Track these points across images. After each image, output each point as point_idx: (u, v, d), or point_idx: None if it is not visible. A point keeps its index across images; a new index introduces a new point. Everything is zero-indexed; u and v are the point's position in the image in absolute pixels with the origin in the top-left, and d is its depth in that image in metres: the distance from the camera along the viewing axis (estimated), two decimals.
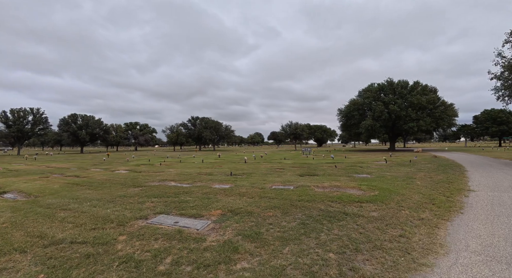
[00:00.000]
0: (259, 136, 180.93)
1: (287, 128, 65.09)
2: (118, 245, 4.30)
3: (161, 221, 5.56)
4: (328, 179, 11.52)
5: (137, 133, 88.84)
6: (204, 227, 5.11)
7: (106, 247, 4.24)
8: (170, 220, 5.63)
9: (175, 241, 4.37)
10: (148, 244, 4.28)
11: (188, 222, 5.50)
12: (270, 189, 9.20)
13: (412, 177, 11.23)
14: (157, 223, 5.45)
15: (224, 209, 6.41)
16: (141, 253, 3.96)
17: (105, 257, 3.89)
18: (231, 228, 5.01)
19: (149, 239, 4.52)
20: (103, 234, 4.81)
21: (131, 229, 5.05)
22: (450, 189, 8.52)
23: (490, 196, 7.63)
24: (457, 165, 16.92)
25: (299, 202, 7.19)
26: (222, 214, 6.04)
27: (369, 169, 14.99)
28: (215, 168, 18.43)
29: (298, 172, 14.63)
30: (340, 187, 9.47)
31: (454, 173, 12.53)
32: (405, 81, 43.19)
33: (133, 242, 4.42)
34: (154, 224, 5.42)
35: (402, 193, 7.95)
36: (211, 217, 5.83)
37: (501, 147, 56.64)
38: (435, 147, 65.53)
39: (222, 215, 5.92)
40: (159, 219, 5.73)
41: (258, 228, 4.94)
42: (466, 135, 74.31)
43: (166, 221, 5.56)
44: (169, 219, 5.78)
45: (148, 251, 4.00)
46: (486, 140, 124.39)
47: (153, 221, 5.58)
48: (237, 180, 11.82)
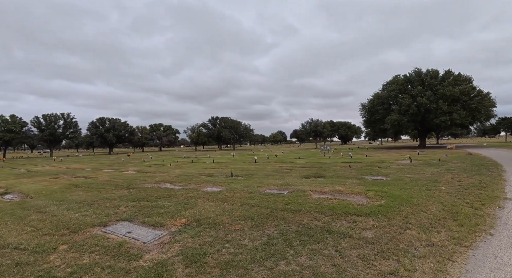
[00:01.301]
0: (282, 135, 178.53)
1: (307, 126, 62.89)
2: (52, 255, 4.18)
3: (116, 230, 5.31)
4: (333, 182, 10.12)
5: (161, 135, 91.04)
6: (153, 240, 4.71)
7: (40, 256, 4.17)
8: (125, 229, 5.35)
9: (108, 257, 4.05)
10: (80, 258, 4.06)
11: (141, 232, 5.14)
12: (260, 194, 8.33)
13: (436, 180, 9.44)
14: (110, 231, 5.24)
15: (191, 217, 5.92)
16: (63, 269, 3.75)
17: (30, 268, 3.80)
18: (181, 243, 4.46)
19: (85, 251, 4.31)
20: (48, 241, 4.76)
21: (79, 238, 4.93)
22: (481, 196, 6.77)
23: None
24: (495, 164, 14.50)
25: (281, 212, 6.13)
26: (186, 224, 5.53)
27: (387, 170, 13.22)
28: (221, 169, 17.76)
29: (304, 173, 13.33)
30: (343, 192, 8.08)
31: (490, 175, 10.46)
32: (435, 70, 39.26)
33: (68, 253, 4.25)
34: (107, 232, 5.21)
35: (416, 202, 6.40)
36: (172, 227, 5.35)
37: None
38: (471, 143, 59.87)
39: (184, 225, 5.40)
40: (116, 227, 5.50)
41: (211, 246, 4.28)
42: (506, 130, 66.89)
43: (121, 230, 5.28)
44: (126, 227, 5.49)
45: (71, 267, 3.77)
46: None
47: (108, 229, 5.37)
48: (233, 182, 11.14)
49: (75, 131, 72.57)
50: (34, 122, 67.01)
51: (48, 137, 66.82)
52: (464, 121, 35.47)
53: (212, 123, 78.90)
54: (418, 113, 36.87)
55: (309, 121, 64.09)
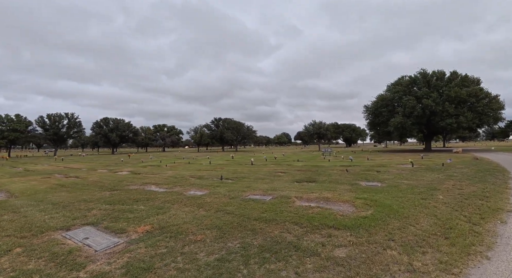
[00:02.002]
0: (286, 137, 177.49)
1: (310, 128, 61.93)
2: (3, 258, 4.10)
3: (75, 235, 5.12)
4: (324, 187, 9.48)
5: (164, 135, 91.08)
6: (106, 248, 4.43)
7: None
8: (84, 235, 5.12)
9: (52, 264, 3.85)
10: (27, 263, 3.93)
11: (99, 239, 4.88)
12: (240, 200, 7.81)
13: (435, 188, 8.68)
14: (69, 236, 5.06)
15: (157, 224, 5.58)
16: (8, 272, 3.64)
17: None
18: (132, 254, 4.14)
19: (35, 256, 4.15)
20: (5, 243, 4.70)
21: (37, 241, 4.80)
22: (482, 208, 6.00)
23: None
24: (501, 170, 13.58)
25: (254, 221, 5.61)
26: (148, 231, 5.18)
27: (385, 175, 12.45)
28: (214, 171, 17.35)
29: (297, 177, 12.70)
30: (329, 200, 7.44)
31: (495, 182, 9.62)
32: (441, 71, 37.99)
33: (19, 257, 4.14)
34: (65, 237, 5.04)
35: (407, 214, 5.69)
36: (133, 234, 5.04)
37: None
38: (479, 146, 58.15)
39: (147, 233, 5.07)
40: (76, 232, 5.30)
41: (161, 259, 3.91)
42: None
43: (79, 236, 5.07)
44: (87, 232, 5.27)
45: (15, 271, 3.65)
46: None
47: (68, 234, 5.19)
48: (220, 185, 10.74)
49: (78, 131, 73.09)
50: (39, 122, 67.61)
51: (52, 137, 67.30)
52: (471, 124, 34.16)
53: (215, 124, 78.48)
54: (423, 115, 35.72)
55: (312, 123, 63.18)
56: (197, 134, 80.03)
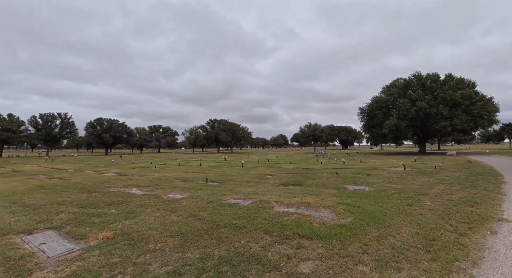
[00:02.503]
0: (283, 139, 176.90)
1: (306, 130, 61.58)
2: None
3: (34, 240, 4.93)
4: (308, 191, 9.05)
5: (159, 136, 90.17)
6: (59, 255, 4.21)
7: None
8: (43, 239, 4.93)
9: (1, 269, 3.70)
10: None
11: (55, 245, 4.65)
12: (217, 204, 7.40)
13: (423, 193, 8.25)
14: (28, 241, 4.90)
15: (121, 230, 5.27)
16: None
17: None
18: (82, 262, 3.88)
19: None
20: None
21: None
22: (471, 216, 5.56)
23: None
24: (495, 173, 13.22)
25: (223, 228, 5.22)
26: (110, 237, 4.86)
27: (374, 179, 12.03)
28: (202, 173, 16.99)
29: (284, 180, 12.28)
30: (311, 205, 7.00)
31: (487, 187, 9.22)
32: (436, 74, 37.79)
33: None
34: (24, 241, 4.87)
35: (389, 222, 5.24)
36: (93, 241, 4.76)
37: None
38: (474, 149, 58.20)
39: (107, 239, 4.76)
40: (36, 237, 5.10)
41: (110, 269, 3.62)
42: (511, 136, 65.01)
43: (38, 240, 4.88)
44: (46, 237, 5.06)
45: None
46: None
47: (28, 238, 5.03)
48: (202, 188, 10.35)
49: (71, 132, 72.05)
50: (31, 122, 66.49)
51: (44, 137, 66.21)
52: (466, 127, 33.95)
53: (211, 125, 77.89)
54: (417, 118, 35.49)
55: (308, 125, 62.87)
56: (192, 136, 79.34)
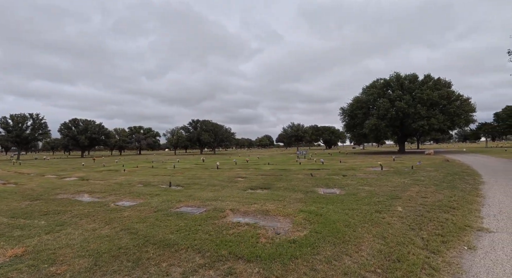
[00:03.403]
0: (268, 139, 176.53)
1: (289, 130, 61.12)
2: None
3: None
4: (273, 196, 8.24)
5: (140, 137, 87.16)
6: None
7: None
8: None
9: None
10: None
11: None
12: (164, 214, 6.56)
13: (396, 196, 7.49)
14: None
15: (33, 247, 4.54)
16: None
17: None
18: None
19: None
20: None
21: None
22: (446, 226, 4.77)
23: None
24: (472, 172, 12.82)
25: (152, 245, 4.45)
26: (18, 255, 4.19)
27: (348, 180, 11.29)
28: (172, 176, 15.88)
29: (254, 183, 11.39)
30: (269, 213, 6.13)
31: (464, 188, 8.61)
32: (414, 75, 38.16)
33: None
34: None
35: (350, 235, 4.38)
36: None
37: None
38: (452, 148, 59.65)
39: (14, 257, 4.09)
40: None
41: None
42: (486, 135, 67.31)
43: None
44: None
45: None
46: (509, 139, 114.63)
47: None
48: (160, 194, 9.42)
49: (44, 133, 68.23)
50: (1, 123, 62.41)
51: (15, 139, 62.29)
52: (443, 126, 34.36)
53: (193, 126, 76.01)
54: (396, 117, 35.64)
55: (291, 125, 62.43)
56: (173, 137, 77.14)
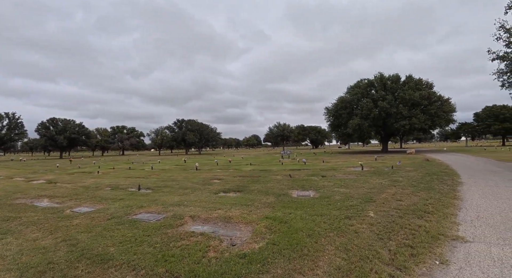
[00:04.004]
0: (256, 139, 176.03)
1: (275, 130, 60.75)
2: None
3: None
4: (242, 200, 7.72)
5: (123, 137, 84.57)
6: None
7: None
8: None
9: None
10: None
11: None
12: (117, 222, 5.96)
13: (370, 199, 7.06)
14: None
15: None
16: None
17: None
18: None
19: None
20: None
21: None
22: (418, 234, 4.31)
23: (502, 262, 3.42)
24: (451, 172, 12.68)
25: (85, 260, 4.01)
26: None
27: (326, 181, 10.85)
28: (146, 178, 15.10)
29: (228, 186, 10.82)
30: (231, 220, 5.64)
31: (441, 190, 8.30)
32: (396, 75, 38.59)
33: None
34: None
35: (310, 247, 3.87)
36: None
37: (504, 146, 52.10)
38: (433, 147, 60.98)
39: None
40: None
41: None
42: (466, 134, 69.41)
43: None
44: None
45: None
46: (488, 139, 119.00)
47: None
48: (125, 198, 8.85)
49: (20, 133, 65.09)
50: None
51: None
52: (424, 126, 34.85)
53: (178, 126, 74.42)
54: (379, 117, 35.89)
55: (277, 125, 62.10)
56: (158, 137, 75.32)
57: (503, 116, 58.34)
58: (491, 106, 62.52)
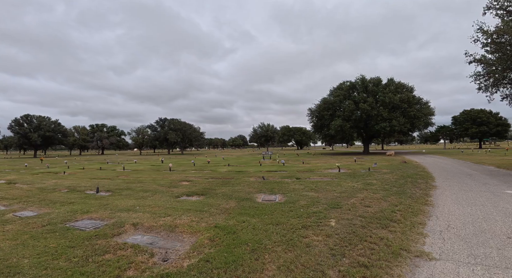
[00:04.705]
0: (242, 139, 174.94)
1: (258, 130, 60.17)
2: None
3: None
4: (200, 206, 7.15)
5: (102, 136, 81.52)
6: None
7: None
8: None
9: None
10: None
11: None
12: (50, 230, 5.27)
13: (336, 205, 6.49)
14: None
15: None
16: None
17: None
18: None
19: None
20: None
21: None
22: (377, 250, 3.72)
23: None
24: (426, 175, 12.45)
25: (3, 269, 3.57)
26: None
27: (298, 184, 10.29)
28: (112, 179, 14.19)
29: (195, 188, 10.21)
30: (176, 229, 5.11)
31: (413, 194, 7.89)
32: (378, 78, 38.99)
33: None
34: None
35: (247, 266, 3.25)
36: None
37: (481, 148, 53.87)
38: (413, 149, 62.32)
39: None
40: None
41: None
42: (445, 137, 71.49)
43: None
44: None
45: None
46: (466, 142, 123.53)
47: None
48: (75, 202, 8.11)
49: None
50: None
51: None
52: (403, 128, 35.30)
53: (160, 125, 72.41)
54: (360, 119, 36.05)
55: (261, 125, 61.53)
56: (139, 136, 73.05)
57: (480, 120, 60.30)
58: (469, 110, 64.52)
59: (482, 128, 59.61)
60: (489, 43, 12.94)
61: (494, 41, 12.74)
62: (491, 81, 14.37)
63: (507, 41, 12.43)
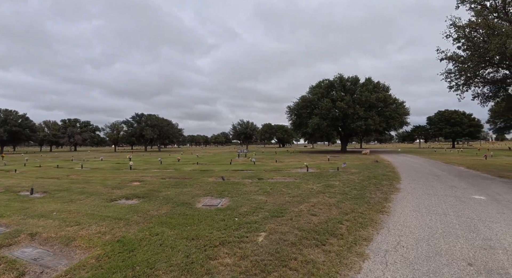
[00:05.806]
0: (224, 137, 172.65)
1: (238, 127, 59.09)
2: None
3: None
4: (126, 211, 6.29)
5: (74, 132, 77.30)
6: None
7: None
8: None
9: None
10: None
11: None
12: None
13: (281, 213, 5.65)
14: None
15: None
16: None
17: None
18: None
19: None
20: None
21: None
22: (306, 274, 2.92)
23: None
24: (393, 176, 11.96)
25: None
26: None
27: (255, 186, 9.44)
28: (62, 179, 13.00)
29: (140, 190, 9.31)
30: (74, 242, 4.49)
31: (371, 199, 7.19)
32: (355, 77, 38.96)
33: None
34: None
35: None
36: None
37: (454, 148, 55.60)
38: (390, 148, 63.47)
39: None
40: None
41: None
42: (420, 137, 73.50)
43: None
44: None
45: None
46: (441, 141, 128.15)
47: None
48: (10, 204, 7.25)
49: None
50: None
51: None
52: (379, 127, 35.43)
53: (136, 120, 69.54)
54: (338, 117, 35.87)
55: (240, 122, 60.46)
56: (114, 132, 69.91)
57: (454, 121, 62.26)
58: (443, 111, 66.52)
59: (456, 128, 61.56)
60: (461, 37, 12.53)
61: (466, 36, 12.35)
62: (463, 79, 14.08)
63: (480, 35, 12.05)
